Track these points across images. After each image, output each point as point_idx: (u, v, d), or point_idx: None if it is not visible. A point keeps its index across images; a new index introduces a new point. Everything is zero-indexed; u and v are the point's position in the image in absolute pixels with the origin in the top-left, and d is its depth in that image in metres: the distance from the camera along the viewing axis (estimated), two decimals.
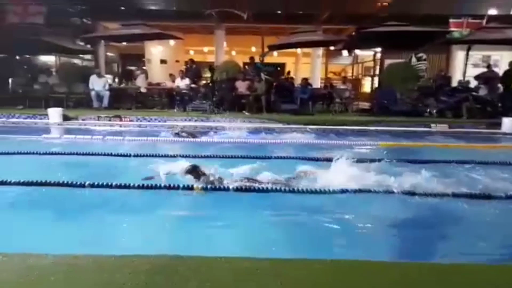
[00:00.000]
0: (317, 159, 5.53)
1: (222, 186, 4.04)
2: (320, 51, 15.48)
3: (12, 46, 11.82)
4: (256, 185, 4.10)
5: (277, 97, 11.59)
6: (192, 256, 2.28)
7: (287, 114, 10.53)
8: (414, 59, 13.08)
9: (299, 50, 18.11)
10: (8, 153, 5.54)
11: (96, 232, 3.10)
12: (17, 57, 13.35)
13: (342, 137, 8.12)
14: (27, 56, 13.77)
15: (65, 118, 9.33)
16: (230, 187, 4.02)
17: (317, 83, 14.64)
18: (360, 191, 3.96)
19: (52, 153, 5.70)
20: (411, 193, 3.92)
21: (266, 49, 13.58)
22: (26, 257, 2.20)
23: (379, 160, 5.07)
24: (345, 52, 16.67)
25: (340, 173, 4.37)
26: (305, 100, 11.18)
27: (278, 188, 4.04)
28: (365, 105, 12.92)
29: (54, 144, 6.79)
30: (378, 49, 13.92)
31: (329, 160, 4.76)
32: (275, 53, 16.66)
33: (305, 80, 12.07)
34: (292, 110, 10.90)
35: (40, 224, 3.26)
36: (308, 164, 5.13)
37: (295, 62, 20.71)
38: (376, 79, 14.09)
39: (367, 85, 15.72)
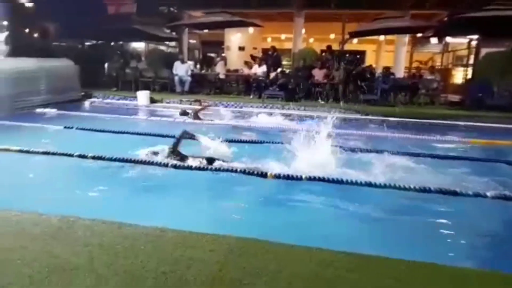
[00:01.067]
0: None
1: (295, 175, 4.00)
2: (405, 38, 14.41)
3: (108, 34, 12.95)
4: (330, 176, 3.99)
5: (356, 86, 11.11)
6: (272, 241, 2.29)
7: (366, 105, 10.06)
8: None
9: (381, 37, 17.10)
10: (101, 131, 6.08)
11: (181, 209, 3.28)
12: (112, 44, 14.62)
13: (427, 131, 7.52)
14: (120, 42, 15.00)
15: (152, 100, 10.02)
16: (303, 176, 3.97)
17: (400, 73, 13.71)
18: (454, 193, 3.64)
19: (140, 133, 6.14)
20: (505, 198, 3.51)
21: (346, 36, 13.07)
22: (121, 225, 2.40)
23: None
24: (434, 40, 15.31)
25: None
26: (386, 90, 10.56)
27: (353, 180, 3.88)
28: (455, 97, 11.79)
29: (142, 124, 7.34)
30: (474, 37, 12.53)
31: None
32: (354, 40, 15.93)
33: (387, 69, 11.39)
34: (371, 100, 10.38)
35: (129, 196, 3.55)
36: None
37: (376, 50, 19.65)
38: (469, 70, 12.76)
39: (458, 76, 14.31)
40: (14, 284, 1.77)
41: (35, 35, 12.97)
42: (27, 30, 12.56)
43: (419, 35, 14.63)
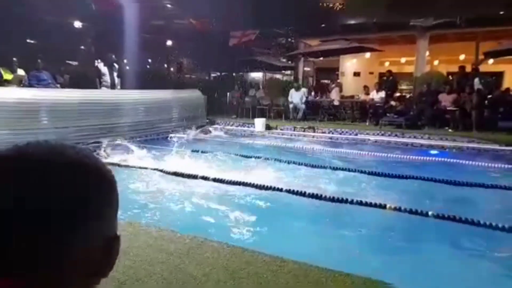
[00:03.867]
0: None
1: (419, 210, 3.64)
2: None
3: (231, 65, 14.15)
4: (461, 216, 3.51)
5: (493, 112, 9.73)
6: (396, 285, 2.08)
7: (505, 133, 8.69)
8: None
9: None
10: (223, 154, 6.53)
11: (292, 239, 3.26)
12: (234, 74, 15.90)
13: None
14: (241, 73, 16.22)
15: (267, 127, 10.45)
16: (430, 213, 3.58)
17: None
18: None
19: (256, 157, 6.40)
20: None
21: (481, 57, 11.68)
22: (244, 251, 2.48)
23: None
24: None
25: None
26: None
27: (490, 223, 3.33)
28: None
29: (257, 149, 7.67)
30: None
31: None
32: (490, 60, 14.12)
33: None
34: None
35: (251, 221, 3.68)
36: None
37: None
38: None
39: None
40: None
41: (172, 69, 14.95)
42: (165, 66, 14.56)
43: None
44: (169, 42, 13.95)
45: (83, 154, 0.48)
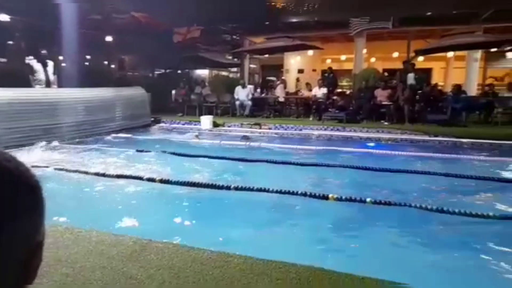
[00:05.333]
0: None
1: (358, 198, 3.87)
2: (478, 54, 13.48)
3: (175, 62, 13.86)
4: (395, 200, 3.80)
5: (423, 106, 10.55)
6: (338, 272, 2.21)
7: (434, 125, 9.48)
8: None
9: (450, 54, 16.17)
10: (167, 152, 6.41)
11: (245, 234, 3.32)
12: (179, 71, 15.59)
13: (506, 153, 6.87)
14: (187, 70, 15.96)
15: (214, 124, 10.41)
16: (367, 199, 3.82)
17: (472, 91, 12.78)
18: None
19: (202, 156, 6.37)
20: None
21: (412, 54, 12.58)
22: (190, 249, 2.48)
23: None
24: (510, 54, 14.15)
25: None
26: (458, 109, 9.87)
27: (422, 205, 3.64)
28: None
29: (205, 147, 7.63)
30: None
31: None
32: (420, 58, 15.25)
33: (457, 87, 10.68)
34: (440, 120, 9.75)
35: (193, 219, 3.67)
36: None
37: (445, 67, 18.59)
38: None
39: None
40: None
41: (113, 66, 14.29)
42: (106, 62, 13.88)
43: (493, 50, 13.61)
44: (109, 38, 13.32)
45: (4, 157, 0.46)
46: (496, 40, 11.11)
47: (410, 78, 10.41)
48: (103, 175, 4.85)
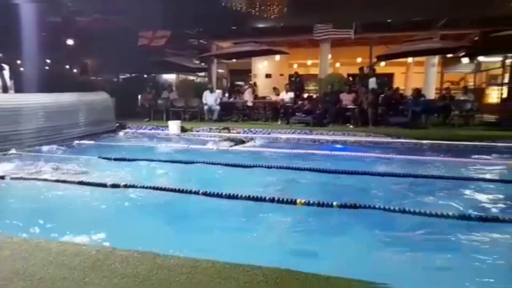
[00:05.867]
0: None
1: (325, 202, 3.95)
2: (435, 59, 14.19)
3: (141, 66, 13.59)
4: (361, 202, 3.91)
5: (385, 109, 10.96)
6: (304, 272, 2.24)
7: (396, 127, 9.87)
8: None
9: (410, 59, 16.92)
10: (134, 160, 6.26)
11: (213, 239, 3.30)
12: (145, 76, 15.30)
13: (462, 153, 7.25)
14: (153, 74, 15.69)
15: (182, 129, 10.29)
16: (334, 203, 3.91)
17: (431, 94, 13.43)
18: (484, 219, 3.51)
19: (170, 161, 6.28)
20: None
21: (374, 60, 13.04)
22: (155, 255, 2.43)
23: None
24: (465, 60, 14.99)
25: None
26: (418, 112, 10.32)
27: (385, 207, 3.78)
28: (491, 118, 11.35)
29: (171, 153, 7.52)
30: (509, 55, 12.17)
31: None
32: (382, 63, 15.86)
33: (417, 91, 11.18)
34: (402, 123, 10.16)
35: (159, 225, 3.61)
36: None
37: (405, 72, 19.41)
38: (505, 89, 12.31)
39: (492, 96, 13.84)
40: None
41: (75, 70, 13.82)
42: (67, 67, 13.40)
43: (450, 55, 14.38)
44: (71, 41, 12.86)
45: None
46: (452, 46, 11.75)
47: (372, 82, 10.78)
48: (64, 182, 4.67)
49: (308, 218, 3.74)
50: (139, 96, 13.03)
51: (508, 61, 12.54)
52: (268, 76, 17.87)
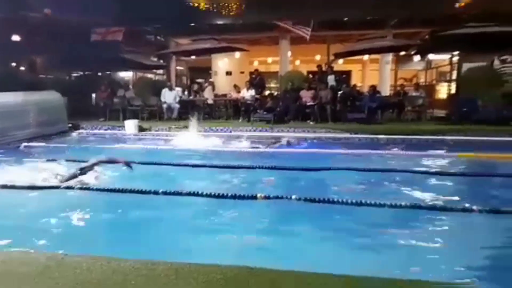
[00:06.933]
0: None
1: (285, 196, 3.99)
2: (389, 57, 14.81)
3: (95, 64, 13.02)
4: (320, 196, 3.98)
5: (343, 106, 11.26)
6: (264, 268, 2.23)
7: (354, 123, 10.18)
8: (497, 62, 11.90)
9: (366, 57, 17.54)
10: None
11: (170, 240, 3.21)
12: (100, 74, 14.68)
13: (415, 147, 7.61)
14: (108, 72, 15.08)
15: (140, 129, 9.98)
16: (293, 197, 3.95)
17: (386, 91, 13.99)
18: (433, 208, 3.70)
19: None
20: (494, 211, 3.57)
21: (331, 57, 13.35)
22: (111, 260, 2.32)
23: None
24: (417, 57, 15.76)
25: None
26: (374, 108, 10.70)
27: (343, 200, 3.87)
28: (441, 112, 12.02)
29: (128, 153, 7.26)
30: (456, 53, 12.91)
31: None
32: (340, 60, 16.31)
33: (373, 88, 11.59)
34: (359, 119, 10.50)
35: (116, 228, 3.47)
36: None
37: (361, 69, 20.09)
38: (453, 85, 13.07)
39: (442, 92, 14.66)
40: None
41: (22, 68, 12.97)
42: (13, 64, 12.55)
43: (402, 53, 15.03)
44: (17, 37, 12.04)
45: None
46: (404, 44, 12.29)
47: (331, 80, 11.04)
48: (10, 187, 4.36)
49: (269, 213, 3.75)
50: (93, 95, 12.47)
51: (455, 59, 13.30)
52: (228, 73, 17.78)
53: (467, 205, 3.74)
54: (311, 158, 6.67)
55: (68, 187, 4.34)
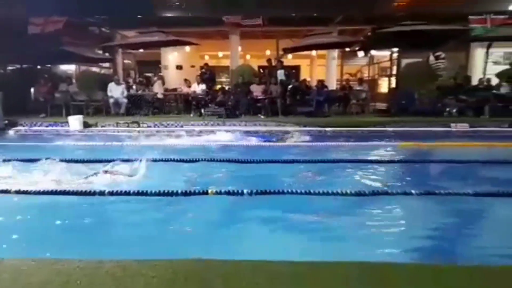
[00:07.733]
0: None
1: (236, 190, 4.06)
2: (335, 52, 15.37)
3: (33, 56, 12.16)
4: (270, 188, 4.10)
5: (293, 100, 11.56)
6: (215, 259, 2.28)
7: (303, 117, 10.50)
8: (432, 58, 12.83)
9: (314, 52, 18.03)
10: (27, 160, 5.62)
11: (118, 237, 3.16)
12: (39, 67, 13.73)
13: (360, 138, 8.04)
14: (48, 65, 14.15)
15: (85, 125, 9.54)
16: (245, 191, 4.03)
17: (332, 85, 14.53)
18: (377, 193, 3.97)
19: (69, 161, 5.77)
20: (430, 193, 3.91)
21: (281, 52, 13.59)
22: (54, 261, 2.25)
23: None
24: (361, 53, 16.49)
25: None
26: (321, 102, 11.10)
27: (292, 190, 4.02)
28: (382, 105, 12.75)
29: (73, 151, 6.94)
30: (395, 49, 13.72)
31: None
32: (289, 56, 16.64)
33: (320, 82, 12.00)
34: (308, 112, 10.85)
35: (59, 230, 3.34)
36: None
37: (310, 64, 20.63)
38: (393, 80, 13.88)
39: (383, 86, 15.50)
40: None
41: None
42: None
43: (347, 49, 15.66)
44: None
45: None
46: (348, 40, 12.83)
47: (280, 74, 11.25)
48: None
49: (220, 207, 3.80)
50: (32, 89, 11.67)
51: (394, 55, 14.13)
52: (179, 67, 17.43)
53: (406, 190, 4.05)
54: (262, 151, 6.79)
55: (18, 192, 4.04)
